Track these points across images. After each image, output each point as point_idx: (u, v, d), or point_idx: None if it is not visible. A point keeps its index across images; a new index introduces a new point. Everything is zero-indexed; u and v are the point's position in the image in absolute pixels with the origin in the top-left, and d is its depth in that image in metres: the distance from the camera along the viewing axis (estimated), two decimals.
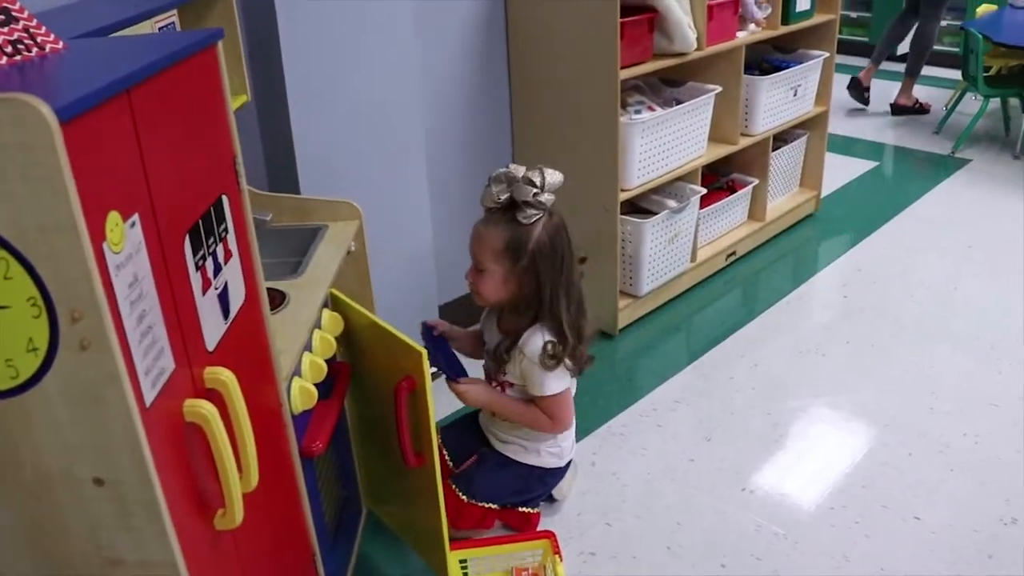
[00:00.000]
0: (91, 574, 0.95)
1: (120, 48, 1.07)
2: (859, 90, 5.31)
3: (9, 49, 1.05)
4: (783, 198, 3.70)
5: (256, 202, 1.99)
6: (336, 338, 1.71)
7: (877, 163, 4.54)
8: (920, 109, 5.22)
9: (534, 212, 1.79)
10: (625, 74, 2.53)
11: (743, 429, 2.45)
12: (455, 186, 2.71)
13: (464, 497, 1.99)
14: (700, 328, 3.02)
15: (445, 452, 2.12)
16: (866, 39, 6.55)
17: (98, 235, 0.81)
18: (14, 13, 1.10)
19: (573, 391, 2.07)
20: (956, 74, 5.07)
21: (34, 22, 1.11)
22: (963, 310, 3.03)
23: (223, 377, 1.08)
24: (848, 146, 4.77)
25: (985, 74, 4.85)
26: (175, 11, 1.56)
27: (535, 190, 1.78)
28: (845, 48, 6.08)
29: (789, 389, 2.62)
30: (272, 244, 1.97)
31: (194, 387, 1.03)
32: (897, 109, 5.25)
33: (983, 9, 5.22)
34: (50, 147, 0.74)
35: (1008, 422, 2.44)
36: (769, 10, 3.11)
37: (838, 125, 5.01)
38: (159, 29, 1.49)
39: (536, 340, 1.86)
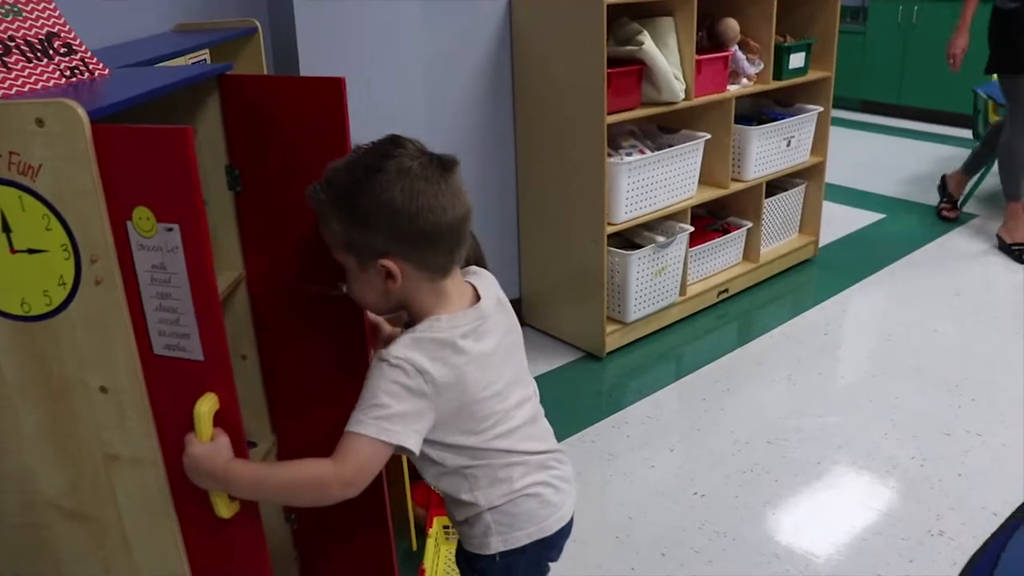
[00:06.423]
0: (94, 466, 1.25)
1: (146, 75, 1.40)
2: (943, 192, 4.71)
3: (68, 73, 1.40)
4: (781, 242, 3.94)
5: None
6: None
7: (884, 215, 4.75)
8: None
9: None
10: (612, 119, 2.83)
11: (704, 443, 2.69)
12: None
13: None
14: (685, 355, 3.27)
15: None
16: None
17: (123, 213, 1.11)
18: (75, 47, 1.44)
19: None
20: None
21: (89, 54, 1.46)
22: (936, 351, 3.22)
23: None
24: (858, 198, 4.99)
25: None
26: (207, 50, 1.91)
27: None
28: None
29: (755, 411, 2.85)
30: None
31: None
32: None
33: None
34: (83, 137, 1.06)
35: (957, 450, 2.63)
36: (761, 66, 3.39)
37: (852, 178, 5.25)
38: (191, 63, 1.83)
39: None
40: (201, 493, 1.25)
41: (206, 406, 1.17)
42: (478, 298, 1.36)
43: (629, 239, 3.24)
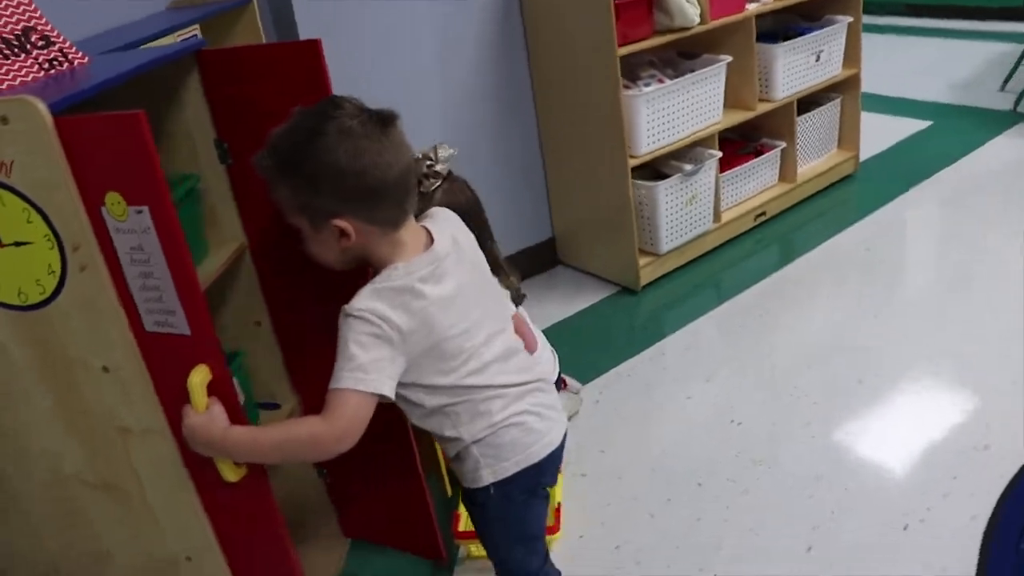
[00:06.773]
0: (109, 440, 1.32)
1: (119, 61, 1.42)
2: None
3: (47, 66, 1.43)
4: (819, 160, 3.84)
5: None
6: None
7: (931, 122, 4.57)
8: None
9: (431, 182, 2.08)
10: (625, 51, 2.77)
11: (742, 371, 2.67)
12: (480, 159, 3.03)
13: None
14: (722, 283, 3.23)
15: None
16: None
17: (96, 199, 1.15)
18: (52, 39, 1.48)
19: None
20: None
21: (68, 44, 1.49)
22: (986, 264, 3.10)
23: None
24: (903, 107, 4.81)
25: None
26: (197, 25, 1.93)
27: (428, 162, 2.07)
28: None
29: (795, 335, 2.82)
30: None
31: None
32: None
33: None
34: (46, 131, 1.09)
35: (1005, 366, 2.51)
36: None
37: (897, 87, 5.06)
38: (180, 40, 1.85)
39: None
40: (210, 459, 1.30)
41: (198, 378, 1.22)
42: (433, 241, 1.39)
43: (657, 170, 3.20)
